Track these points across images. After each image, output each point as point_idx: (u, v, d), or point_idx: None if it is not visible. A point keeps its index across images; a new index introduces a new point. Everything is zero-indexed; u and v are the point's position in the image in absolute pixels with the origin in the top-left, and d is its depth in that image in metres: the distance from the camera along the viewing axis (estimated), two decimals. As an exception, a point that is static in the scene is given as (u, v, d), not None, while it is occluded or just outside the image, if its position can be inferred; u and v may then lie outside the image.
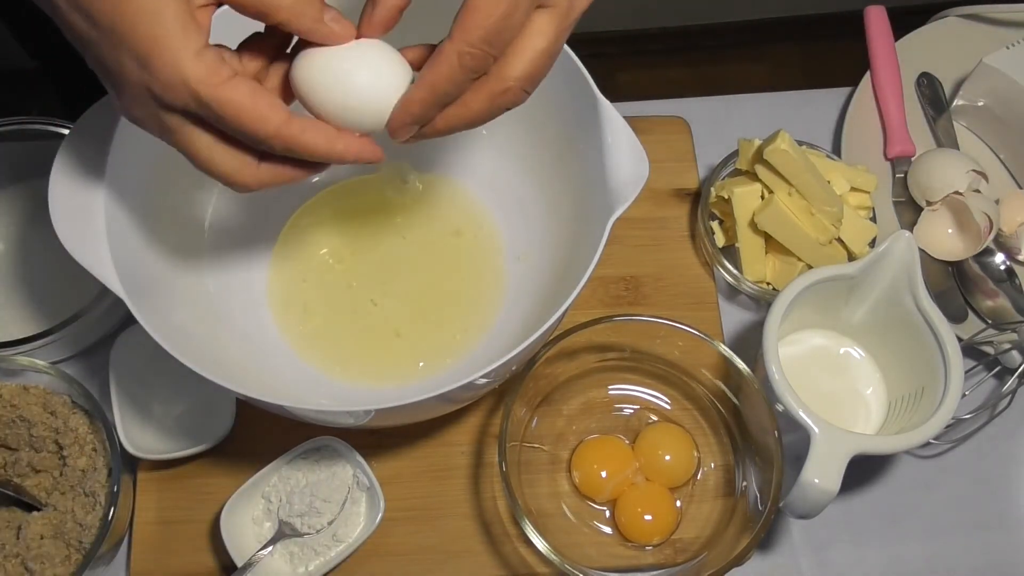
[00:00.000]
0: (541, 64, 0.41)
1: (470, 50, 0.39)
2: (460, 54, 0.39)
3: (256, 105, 0.39)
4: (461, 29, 0.39)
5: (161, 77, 0.37)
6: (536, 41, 0.40)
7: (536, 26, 0.40)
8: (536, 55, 0.41)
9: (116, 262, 0.50)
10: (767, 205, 0.66)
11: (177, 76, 0.37)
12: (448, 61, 0.40)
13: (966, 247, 0.71)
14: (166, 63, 0.37)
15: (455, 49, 0.39)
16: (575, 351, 0.64)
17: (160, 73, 0.37)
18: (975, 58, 0.75)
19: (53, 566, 0.58)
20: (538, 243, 0.65)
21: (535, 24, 0.40)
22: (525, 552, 0.64)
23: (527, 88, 0.42)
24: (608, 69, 1.70)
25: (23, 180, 0.73)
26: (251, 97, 0.39)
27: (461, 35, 0.39)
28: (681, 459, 0.65)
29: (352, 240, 0.68)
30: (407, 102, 0.42)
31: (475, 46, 0.39)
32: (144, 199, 0.55)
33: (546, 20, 0.40)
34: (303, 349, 0.64)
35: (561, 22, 0.41)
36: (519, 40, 0.40)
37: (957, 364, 0.58)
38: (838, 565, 0.66)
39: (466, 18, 0.39)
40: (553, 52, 0.41)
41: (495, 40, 0.39)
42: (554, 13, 0.40)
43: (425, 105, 0.42)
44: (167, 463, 0.65)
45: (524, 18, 0.40)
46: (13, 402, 0.62)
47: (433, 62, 0.40)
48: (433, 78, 0.40)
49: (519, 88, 0.41)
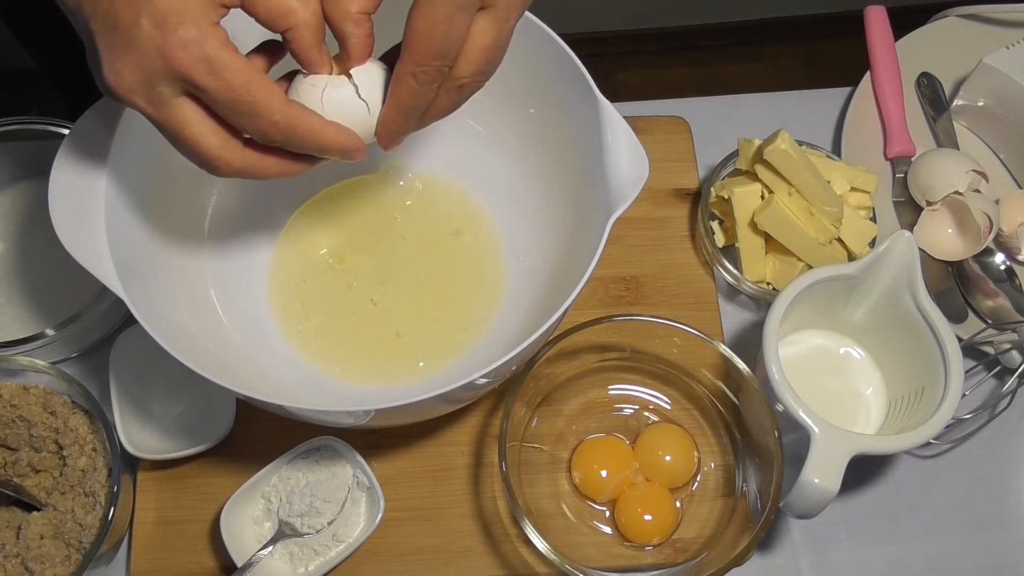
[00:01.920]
0: (490, 58, 0.44)
1: (422, 69, 0.43)
2: (414, 74, 0.43)
3: (264, 82, 0.41)
4: (409, 52, 0.42)
5: (179, 34, 0.39)
6: (480, 41, 0.43)
7: (478, 28, 0.43)
8: (480, 53, 0.44)
9: (116, 262, 0.50)
10: (767, 205, 0.66)
11: (194, 35, 0.39)
12: (406, 82, 0.43)
13: (966, 247, 0.71)
14: (186, 23, 0.39)
15: (408, 71, 0.43)
16: (575, 351, 0.64)
17: (178, 30, 0.39)
18: (975, 58, 0.75)
19: (53, 566, 0.58)
20: (538, 243, 0.65)
21: (477, 26, 0.43)
22: (525, 552, 0.64)
23: (482, 79, 0.45)
24: (608, 69, 1.70)
25: (23, 180, 0.73)
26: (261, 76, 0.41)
27: (410, 57, 0.42)
28: (681, 460, 0.65)
29: (352, 240, 0.68)
30: (384, 121, 0.46)
31: (425, 64, 0.42)
32: (144, 198, 0.55)
33: (487, 21, 0.43)
34: (303, 349, 0.64)
35: (502, 18, 0.43)
36: (466, 43, 0.43)
37: (957, 364, 0.58)
38: (838, 565, 0.66)
39: (411, 41, 0.42)
40: (499, 45, 0.44)
41: (442, 53, 0.42)
42: (494, 12, 0.43)
43: (400, 122, 0.46)
44: (167, 463, 0.65)
45: (466, 25, 0.42)
46: (13, 402, 0.62)
47: (394, 84, 0.44)
48: (398, 98, 0.44)
49: (475, 82, 0.45)
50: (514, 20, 0.44)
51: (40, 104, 0.97)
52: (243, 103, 0.40)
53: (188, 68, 0.39)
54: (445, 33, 0.41)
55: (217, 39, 0.39)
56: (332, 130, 0.44)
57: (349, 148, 0.45)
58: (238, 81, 0.40)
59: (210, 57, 0.39)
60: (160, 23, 0.39)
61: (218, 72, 0.39)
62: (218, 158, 0.43)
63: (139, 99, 0.41)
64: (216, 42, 0.39)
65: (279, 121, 0.42)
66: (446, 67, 0.43)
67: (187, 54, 0.39)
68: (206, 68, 0.39)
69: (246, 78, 0.40)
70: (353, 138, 0.45)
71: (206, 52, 0.39)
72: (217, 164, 0.43)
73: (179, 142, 0.42)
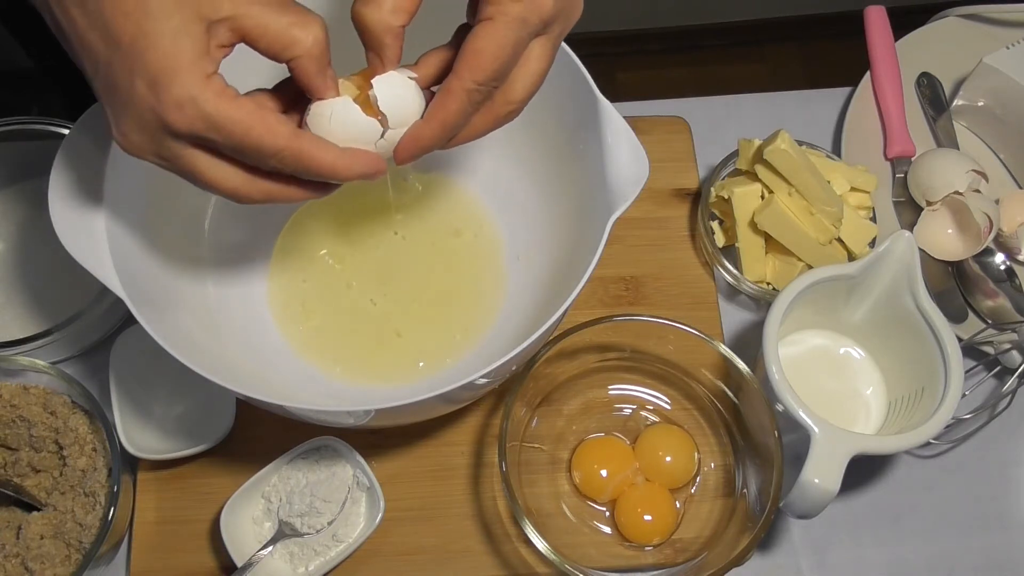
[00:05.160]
0: (539, 82, 0.44)
1: (479, 88, 0.42)
2: (469, 92, 0.42)
3: (264, 119, 0.40)
4: (470, 69, 0.41)
5: (172, 95, 0.38)
6: (535, 66, 0.43)
7: (535, 52, 0.43)
8: (535, 77, 0.44)
9: (116, 262, 0.50)
10: (767, 205, 0.66)
11: (187, 94, 0.38)
12: (458, 99, 0.42)
13: (966, 247, 0.71)
14: (178, 82, 0.38)
15: (464, 87, 0.42)
16: (575, 351, 0.64)
17: (171, 91, 0.38)
18: (975, 58, 0.75)
19: (53, 566, 0.58)
20: (538, 243, 0.65)
21: (534, 51, 0.43)
22: (525, 552, 0.64)
23: (525, 104, 0.45)
24: (608, 69, 1.70)
25: (23, 180, 0.73)
26: (259, 112, 0.40)
27: (470, 75, 0.41)
28: (681, 460, 0.65)
29: (352, 240, 0.68)
30: (417, 137, 0.44)
31: (484, 83, 0.42)
32: (144, 199, 0.55)
33: (543, 46, 0.43)
34: (303, 349, 0.64)
35: (556, 44, 0.44)
36: (520, 68, 0.43)
37: (957, 364, 0.58)
38: (838, 565, 0.66)
39: (476, 59, 0.41)
40: (548, 70, 0.44)
41: (502, 76, 0.42)
42: (550, 38, 0.43)
43: (436, 139, 0.44)
44: (167, 463, 0.65)
45: (525, 48, 0.42)
46: (13, 402, 0.62)
47: (443, 99, 0.43)
48: (444, 115, 0.43)
49: (521, 106, 0.45)
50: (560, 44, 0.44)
51: (40, 104, 0.97)
52: (248, 148, 0.40)
53: (188, 127, 0.39)
54: (511, 56, 0.41)
55: (212, 92, 0.39)
56: (345, 160, 0.43)
57: (367, 172, 0.44)
58: (239, 131, 0.39)
59: (207, 114, 0.39)
60: (153, 84, 0.38)
61: (218, 126, 0.39)
62: (239, 194, 0.43)
63: (151, 156, 0.41)
64: (212, 96, 0.39)
65: (287, 158, 0.41)
66: (497, 90, 0.43)
67: (183, 115, 0.39)
68: (205, 125, 0.39)
69: (246, 126, 0.39)
70: (369, 162, 0.44)
71: (201, 110, 0.39)
72: (239, 198, 0.43)
73: (199, 185, 0.43)
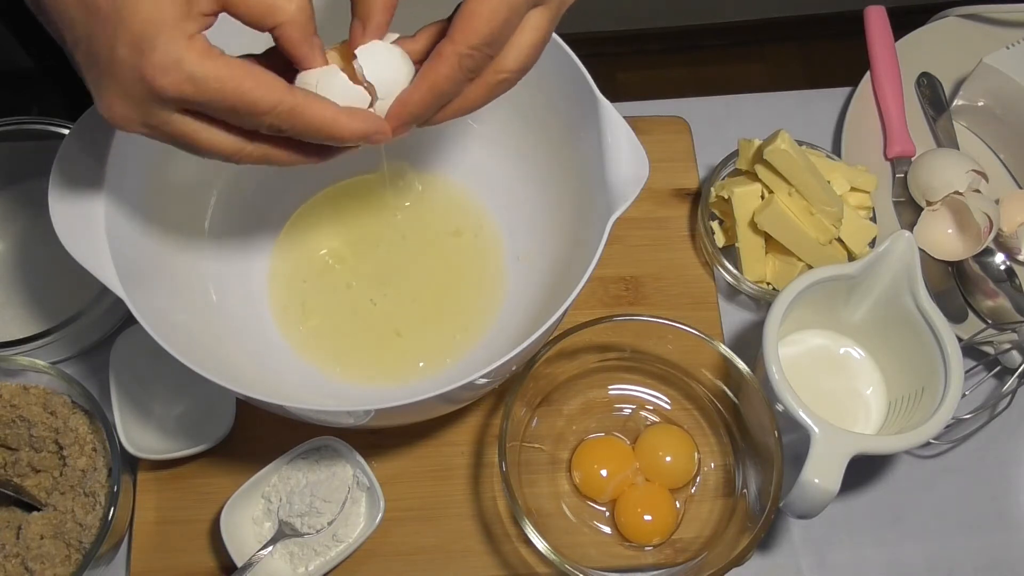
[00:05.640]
0: (535, 55, 0.43)
1: (471, 52, 0.40)
2: (461, 56, 0.40)
3: (255, 74, 0.38)
4: (462, 32, 0.40)
5: (155, 58, 0.37)
6: (530, 36, 0.42)
7: (531, 22, 0.42)
8: (531, 48, 0.42)
9: (116, 262, 0.50)
10: (767, 205, 0.66)
11: (171, 56, 0.37)
12: (449, 63, 0.41)
13: (966, 247, 0.71)
14: (160, 45, 0.37)
15: (456, 51, 0.40)
16: (575, 351, 0.64)
17: (154, 55, 0.37)
18: (975, 58, 0.75)
19: (53, 566, 0.58)
20: (538, 243, 0.65)
21: (530, 20, 0.42)
22: (525, 552, 0.64)
23: (521, 75, 0.44)
24: (608, 69, 1.70)
25: (23, 180, 0.73)
26: (248, 69, 0.38)
27: (463, 38, 0.40)
28: (682, 461, 0.65)
29: (352, 240, 0.68)
30: (406, 102, 0.43)
31: (477, 48, 0.40)
32: (144, 199, 0.55)
33: (541, 15, 0.42)
34: (303, 349, 0.64)
35: (553, 16, 0.43)
36: (515, 36, 0.42)
37: (957, 364, 0.58)
38: (838, 565, 0.66)
39: (468, 22, 0.40)
40: (545, 42, 0.43)
41: (496, 42, 0.41)
42: (549, 8, 0.42)
43: (425, 105, 0.42)
44: (167, 463, 0.65)
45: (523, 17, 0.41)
46: (13, 402, 0.62)
47: (433, 64, 0.41)
48: (434, 78, 0.41)
49: (514, 77, 0.43)
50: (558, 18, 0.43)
51: (40, 104, 0.97)
52: (241, 106, 0.39)
53: (175, 91, 0.38)
54: (506, 21, 0.40)
55: (197, 52, 0.37)
56: (345, 117, 0.41)
57: (369, 132, 0.42)
58: (229, 88, 0.38)
59: (193, 75, 0.37)
60: (135, 49, 0.37)
61: (206, 86, 0.38)
62: (235, 155, 0.42)
63: (139, 127, 0.40)
64: (196, 56, 0.37)
65: (283, 114, 0.39)
66: (491, 57, 0.41)
67: (169, 79, 0.37)
68: (193, 87, 0.38)
69: (237, 82, 0.38)
70: (371, 121, 0.42)
71: (187, 71, 0.37)
72: (235, 159, 0.42)
73: (193, 151, 0.41)
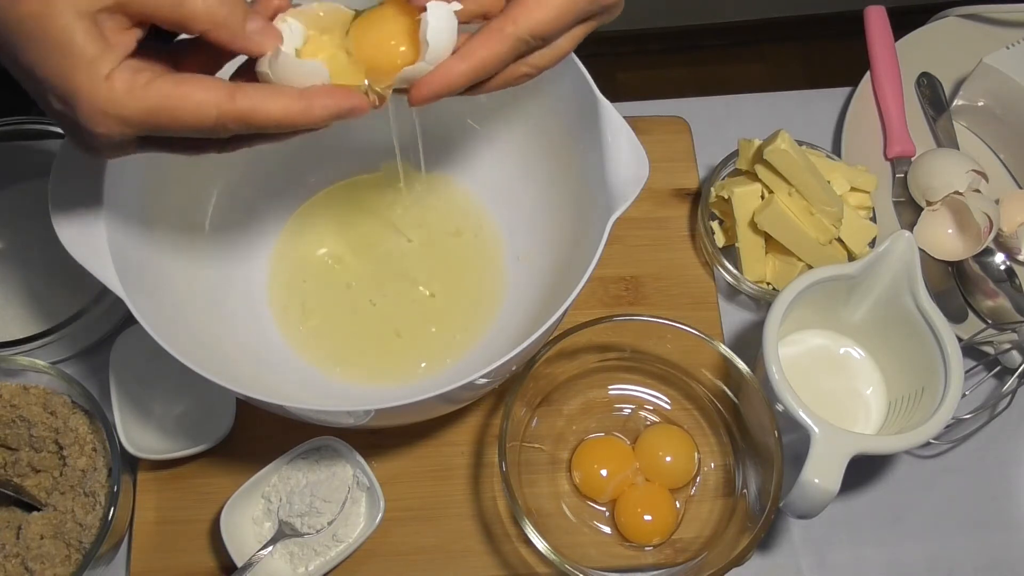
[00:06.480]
0: (561, 59, 0.45)
1: (529, 39, 0.41)
2: (518, 40, 0.41)
3: (185, 95, 0.36)
4: (527, 18, 0.40)
5: (83, 111, 0.36)
6: (566, 43, 0.44)
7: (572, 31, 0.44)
8: (562, 54, 0.44)
9: (116, 262, 0.50)
10: (767, 205, 0.66)
11: (96, 108, 0.35)
12: (507, 44, 0.41)
13: (966, 247, 0.71)
14: (82, 96, 0.35)
15: (516, 34, 0.41)
16: (575, 351, 0.64)
17: (80, 108, 0.35)
18: (975, 58, 0.75)
19: (53, 566, 0.58)
20: (538, 243, 0.65)
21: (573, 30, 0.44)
22: (525, 552, 0.64)
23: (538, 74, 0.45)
24: (608, 69, 1.70)
25: (23, 180, 0.72)
26: (177, 90, 0.36)
27: (527, 24, 0.41)
28: (682, 461, 0.65)
29: (351, 240, 0.68)
30: (448, 72, 0.41)
31: (536, 38, 0.41)
32: (144, 199, 0.55)
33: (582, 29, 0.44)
34: (303, 349, 0.64)
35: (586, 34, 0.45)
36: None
37: (957, 364, 0.58)
38: (838, 565, 0.66)
39: (536, 10, 0.40)
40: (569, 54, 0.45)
41: (551, 38, 0.42)
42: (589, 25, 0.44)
43: (467, 79, 0.41)
44: (167, 463, 0.65)
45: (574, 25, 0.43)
46: (13, 402, 0.62)
47: (487, 39, 0.41)
48: (486, 55, 0.41)
49: (535, 74, 0.44)
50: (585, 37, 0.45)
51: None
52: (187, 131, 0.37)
53: (118, 133, 0.36)
54: (568, 23, 0.42)
55: (120, 91, 0.35)
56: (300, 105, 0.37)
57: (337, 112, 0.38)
58: (164, 117, 0.36)
59: (122, 117, 0.36)
60: (65, 102, 0.36)
61: (141, 122, 0.36)
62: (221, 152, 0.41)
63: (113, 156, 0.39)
64: (120, 96, 0.35)
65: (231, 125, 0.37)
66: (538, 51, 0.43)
67: (104, 126, 0.36)
68: (131, 128, 0.36)
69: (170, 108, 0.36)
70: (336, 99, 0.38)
71: (115, 115, 0.35)
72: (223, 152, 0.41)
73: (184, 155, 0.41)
